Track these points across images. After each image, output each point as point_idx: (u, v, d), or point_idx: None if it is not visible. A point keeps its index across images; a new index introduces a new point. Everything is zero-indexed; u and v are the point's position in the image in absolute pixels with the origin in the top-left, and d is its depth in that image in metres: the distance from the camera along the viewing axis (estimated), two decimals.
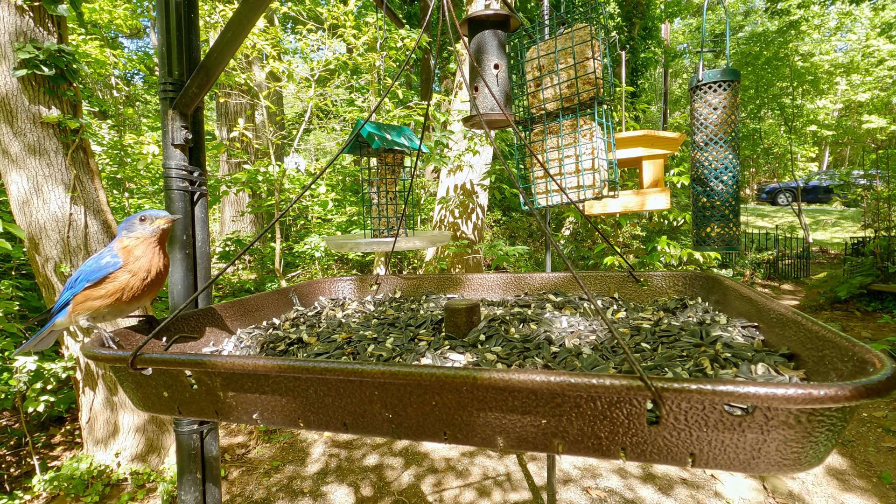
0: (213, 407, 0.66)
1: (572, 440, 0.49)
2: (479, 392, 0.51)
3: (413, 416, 0.56)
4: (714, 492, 2.79)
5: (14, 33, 2.53)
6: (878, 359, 0.43)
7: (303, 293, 1.24)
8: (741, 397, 0.39)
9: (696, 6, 17.28)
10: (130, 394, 0.72)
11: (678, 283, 1.04)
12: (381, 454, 3.37)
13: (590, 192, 1.17)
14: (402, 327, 0.91)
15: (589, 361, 0.67)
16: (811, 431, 0.42)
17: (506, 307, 1.03)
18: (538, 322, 0.87)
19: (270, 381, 0.61)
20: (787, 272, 9.37)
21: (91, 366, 2.96)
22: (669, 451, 0.46)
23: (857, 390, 0.38)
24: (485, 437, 0.53)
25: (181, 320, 0.87)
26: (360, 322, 0.99)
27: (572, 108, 1.17)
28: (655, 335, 0.77)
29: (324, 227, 6.13)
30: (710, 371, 0.60)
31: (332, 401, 0.59)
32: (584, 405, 0.48)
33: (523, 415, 0.50)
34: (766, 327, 0.71)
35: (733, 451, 0.44)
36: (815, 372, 0.55)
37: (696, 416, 0.44)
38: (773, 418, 0.42)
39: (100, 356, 0.67)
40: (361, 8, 9.71)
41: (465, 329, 0.83)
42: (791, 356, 0.62)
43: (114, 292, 0.81)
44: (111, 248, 0.84)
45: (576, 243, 6.74)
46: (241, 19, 0.97)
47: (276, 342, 0.87)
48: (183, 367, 0.62)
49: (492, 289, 1.22)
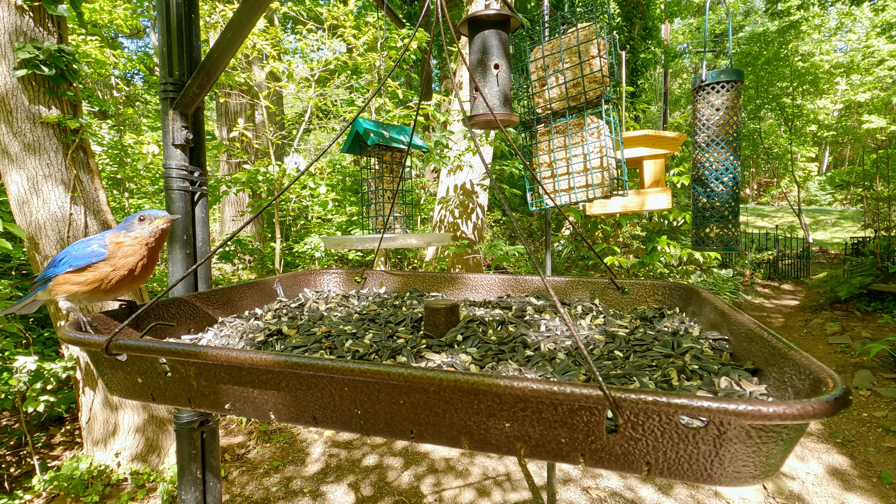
0: (187, 395, 0.67)
1: (534, 444, 0.50)
2: (445, 393, 0.52)
3: (381, 414, 0.57)
4: (714, 492, 2.79)
5: (14, 33, 2.52)
6: (832, 379, 0.44)
7: (288, 284, 1.24)
8: (695, 410, 0.41)
9: (697, 6, 17.28)
10: (106, 379, 0.73)
11: (658, 292, 1.05)
12: (381, 454, 3.37)
13: (599, 191, 1.17)
14: (382, 324, 0.91)
15: (561, 367, 0.67)
16: (761, 445, 0.43)
17: (487, 308, 1.03)
18: (517, 325, 0.88)
19: (243, 372, 0.62)
20: (787, 272, 9.37)
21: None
22: (627, 459, 0.47)
23: (804, 409, 0.38)
24: (450, 437, 0.54)
25: (162, 307, 0.88)
26: (341, 316, 0.99)
27: (578, 107, 1.17)
28: (629, 343, 0.77)
29: (324, 227, 6.12)
30: (675, 382, 0.61)
31: (302, 394, 0.60)
32: (546, 411, 0.48)
33: (488, 417, 0.51)
34: (735, 341, 0.72)
35: (688, 463, 0.45)
36: (776, 387, 0.56)
37: (652, 426, 0.45)
38: (725, 432, 0.43)
39: (75, 340, 0.68)
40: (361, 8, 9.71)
41: (444, 329, 0.84)
42: (755, 371, 0.62)
43: (92, 281, 0.83)
44: (102, 238, 0.85)
45: (576, 243, 6.74)
46: (242, 19, 0.97)
47: (255, 332, 0.87)
48: (157, 354, 0.63)
49: (479, 289, 1.22)
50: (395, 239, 1.34)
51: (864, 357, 4.76)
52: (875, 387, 4.12)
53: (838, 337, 5.47)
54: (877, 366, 4.54)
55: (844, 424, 3.63)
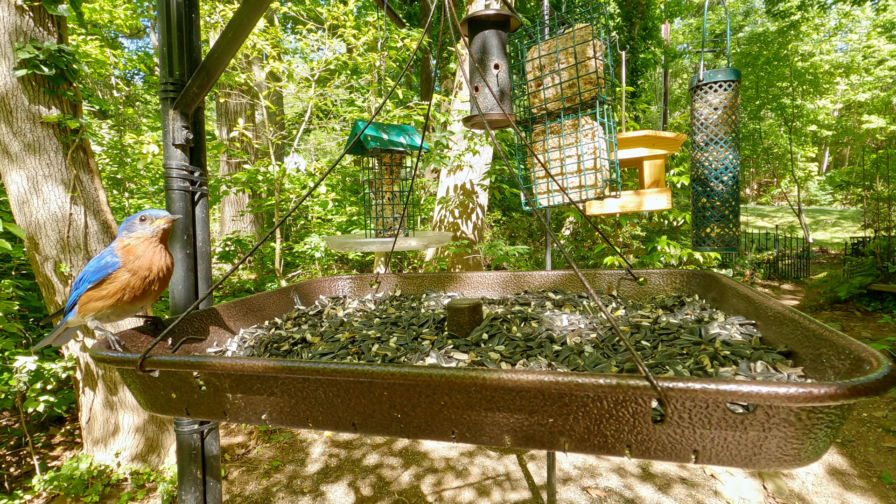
0: (222, 408, 0.66)
1: (579, 438, 0.50)
2: (487, 392, 0.52)
3: (422, 416, 0.56)
4: (713, 491, 2.80)
5: (14, 33, 2.53)
6: (875, 357, 0.44)
7: (303, 292, 1.24)
8: (744, 396, 0.40)
9: (696, 6, 17.29)
10: (138, 395, 0.72)
11: (676, 280, 1.04)
12: (381, 454, 3.37)
13: (592, 192, 1.17)
14: (404, 326, 0.91)
15: (591, 360, 0.67)
16: (810, 428, 0.42)
17: (506, 306, 1.03)
18: (539, 320, 0.87)
19: (279, 382, 0.61)
20: (787, 272, 9.37)
21: (91, 366, 2.96)
22: (674, 448, 0.47)
23: (856, 389, 0.38)
24: (492, 435, 0.53)
25: (184, 321, 0.87)
26: (362, 321, 0.99)
27: (574, 108, 1.17)
28: (655, 333, 0.77)
29: (324, 227, 6.13)
30: (710, 369, 0.61)
31: (340, 401, 0.59)
32: (591, 404, 0.48)
33: (530, 414, 0.51)
34: (763, 325, 0.72)
35: (735, 448, 0.45)
36: (813, 369, 0.56)
37: (699, 414, 0.45)
38: (773, 416, 0.43)
39: (108, 358, 0.67)
40: (361, 8, 9.71)
41: (468, 328, 0.83)
42: (789, 354, 0.62)
43: (115, 292, 0.82)
44: (111, 249, 0.85)
45: (576, 243, 6.74)
46: (242, 19, 0.97)
47: (279, 342, 0.87)
48: (192, 369, 0.62)
49: (491, 287, 1.22)
50: (400, 241, 1.34)
51: None
52: None
53: None
54: None
55: (844, 424, 3.63)
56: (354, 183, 6.65)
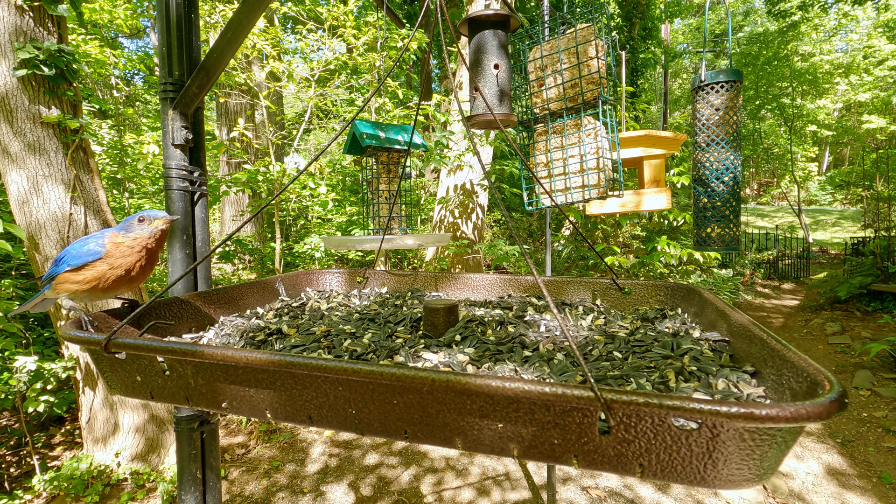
0: (184, 393, 0.67)
1: (527, 445, 0.50)
2: (437, 393, 0.52)
3: (376, 414, 0.57)
4: (713, 491, 2.79)
5: (14, 33, 2.52)
6: (829, 381, 0.43)
7: (290, 284, 1.24)
8: (686, 412, 0.40)
9: (696, 6, 17.29)
10: (106, 377, 0.74)
11: (660, 293, 1.04)
12: (381, 454, 3.37)
13: (595, 192, 1.17)
14: (381, 323, 0.91)
15: (559, 367, 0.67)
16: (754, 448, 0.42)
17: (487, 308, 1.03)
18: (516, 325, 0.88)
19: (240, 371, 0.62)
20: (787, 272, 9.37)
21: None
22: (620, 460, 0.47)
23: (797, 412, 0.38)
24: (444, 437, 0.54)
25: (163, 306, 0.88)
26: (342, 316, 0.99)
27: (576, 108, 1.17)
28: (629, 344, 0.77)
29: (324, 227, 6.12)
30: (672, 384, 0.61)
31: (298, 393, 0.60)
32: (539, 412, 0.48)
33: (481, 418, 0.51)
34: (735, 342, 0.72)
35: (680, 465, 0.45)
36: (774, 389, 0.55)
37: (644, 428, 0.45)
38: (718, 434, 0.42)
39: (76, 338, 0.68)
40: (361, 8, 9.70)
41: (443, 329, 0.84)
42: (754, 373, 0.62)
43: (90, 280, 0.83)
44: (100, 237, 0.86)
45: (576, 243, 6.74)
46: (242, 19, 0.97)
47: (256, 332, 0.88)
48: (155, 353, 0.63)
49: (480, 288, 1.22)
50: (394, 240, 1.34)
51: (864, 357, 4.76)
52: (875, 387, 4.12)
53: (838, 337, 5.47)
54: (877, 366, 4.54)
55: (844, 424, 3.63)
56: (354, 183, 6.65)
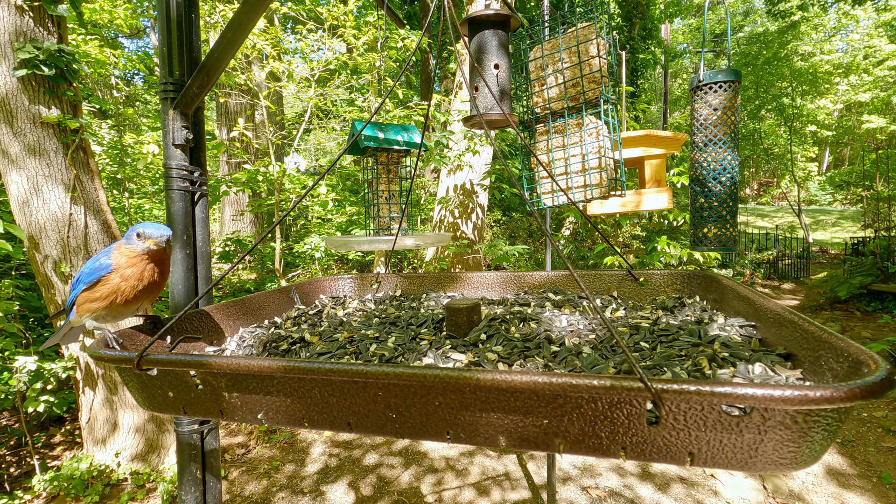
0: (218, 407, 0.67)
1: (573, 440, 0.50)
2: (481, 393, 0.51)
3: (416, 416, 0.56)
4: (713, 490, 2.80)
5: (14, 33, 2.52)
6: (873, 360, 0.43)
7: (304, 292, 1.24)
8: (739, 398, 0.40)
9: (696, 6, 17.28)
10: (136, 394, 0.73)
11: (676, 281, 1.04)
12: (381, 454, 3.37)
13: (597, 192, 1.17)
14: (403, 326, 0.91)
15: (589, 361, 0.67)
16: (807, 431, 0.42)
17: (506, 306, 1.03)
18: (538, 321, 0.87)
19: (275, 381, 0.61)
20: (787, 272, 9.37)
21: (91, 365, 2.96)
22: (669, 450, 0.47)
23: (853, 392, 0.38)
24: (487, 436, 0.53)
25: (184, 320, 0.88)
26: (361, 321, 0.99)
27: (577, 107, 1.17)
28: (654, 334, 0.77)
29: (324, 227, 6.12)
30: (708, 371, 0.60)
31: (336, 401, 0.59)
32: (586, 406, 0.48)
33: (525, 415, 0.50)
34: (762, 327, 0.71)
35: (731, 451, 0.45)
36: (811, 372, 0.55)
37: (694, 416, 0.44)
38: (769, 419, 0.42)
39: (105, 357, 0.68)
40: (361, 8, 9.70)
41: (466, 328, 0.83)
42: (787, 356, 0.62)
43: (107, 295, 0.84)
44: (108, 251, 0.87)
45: (576, 243, 6.74)
46: (242, 19, 0.97)
47: (278, 341, 0.87)
48: (188, 367, 0.62)
49: (491, 287, 1.22)
50: (399, 240, 1.34)
51: None
52: None
53: None
54: None
55: (844, 424, 3.63)
56: (354, 183, 6.65)
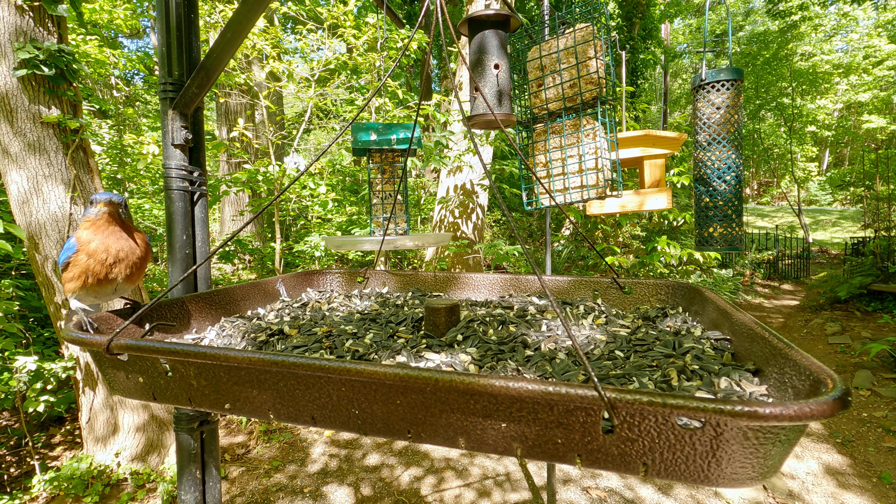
0: (187, 395, 0.67)
1: (531, 445, 0.50)
2: (441, 394, 0.52)
3: (379, 414, 0.57)
4: (713, 491, 2.79)
5: (14, 33, 2.52)
6: (832, 379, 0.43)
7: (291, 285, 1.24)
8: (690, 411, 0.40)
9: (697, 6, 17.28)
10: (108, 378, 0.74)
11: (661, 291, 1.04)
12: (382, 454, 3.37)
13: (593, 192, 1.17)
14: (382, 323, 0.91)
15: (561, 367, 0.67)
16: (759, 447, 0.42)
17: (488, 308, 1.03)
18: (518, 325, 0.88)
19: (242, 372, 0.62)
20: (787, 272, 9.37)
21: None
22: (623, 459, 0.47)
23: (801, 410, 0.38)
24: (447, 437, 0.54)
25: (165, 308, 0.88)
26: (343, 316, 0.99)
27: (575, 108, 1.17)
28: (630, 343, 0.77)
29: (324, 227, 6.12)
30: (675, 382, 0.61)
31: (300, 394, 0.60)
32: (542, 411, 0.48)
33: (484, 418, 0.51)
34: (737, 341, 0.72)
35: (685, 464, 0.45)
36: (776, 388, 0.55)
37: (648, 427, 0.45)
38: (722, 433, 0.42)
39: (78, 340, 0.68)
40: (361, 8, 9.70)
41: (445, 328, 0.84)
42: (756, 371, 0.62)
43: (78, 275, 0.83)
44: (73, 233, 0.86)
45: (575, 243, 6.74)
46: (241, 19, 0.97)
47: (257, 332, 0.88)
48: (157, 354, 0.63)
49: (479, 289, 1.22)
50: (395, 240, 1.34)
51: (864, 357, 4.76)
52: (875, 387, 4.12)
53: (838, 337, 5.47)
54: (877, 366, 4.54)
55: (844, 424, 3.63)
56: (354, 183, 6.65)
